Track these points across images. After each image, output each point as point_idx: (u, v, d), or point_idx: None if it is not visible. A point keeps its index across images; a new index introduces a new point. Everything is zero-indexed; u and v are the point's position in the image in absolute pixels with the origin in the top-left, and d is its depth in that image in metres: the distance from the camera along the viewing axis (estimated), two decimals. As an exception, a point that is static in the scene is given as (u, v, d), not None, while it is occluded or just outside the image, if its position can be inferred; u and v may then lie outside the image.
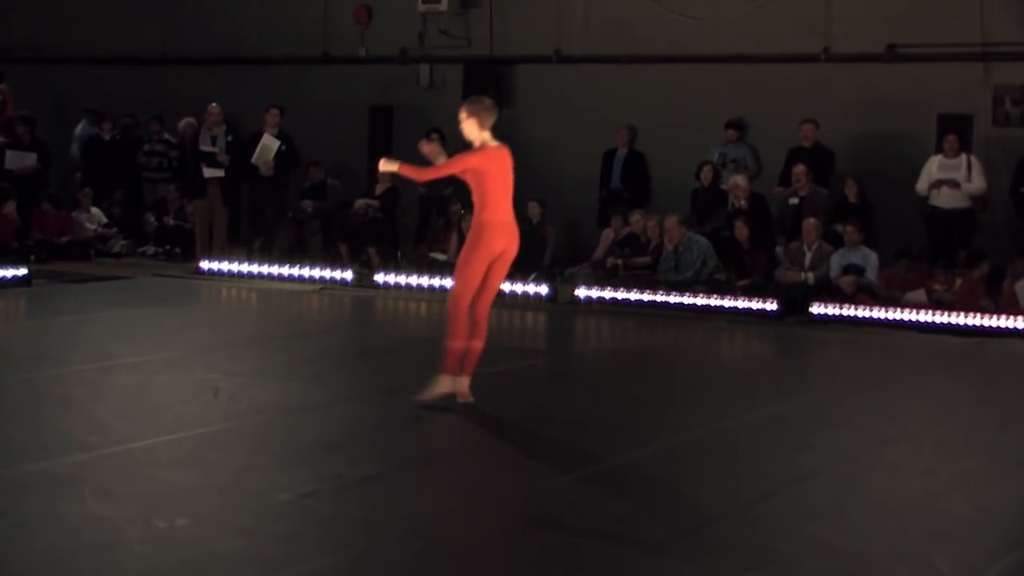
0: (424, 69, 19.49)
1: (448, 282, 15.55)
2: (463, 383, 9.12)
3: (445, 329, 9.17)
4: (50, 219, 18.00)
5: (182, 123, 18.89)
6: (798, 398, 10.05)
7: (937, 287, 14.23)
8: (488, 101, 9.40)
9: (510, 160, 9.37)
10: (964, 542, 6.49)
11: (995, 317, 13.34)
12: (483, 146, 9.31)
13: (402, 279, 15.82)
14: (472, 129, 9.29)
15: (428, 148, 9.62)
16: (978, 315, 13.39)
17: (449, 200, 17.57)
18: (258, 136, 17.51)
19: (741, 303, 14.38)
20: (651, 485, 7.46)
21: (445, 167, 9.45)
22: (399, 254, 17.42)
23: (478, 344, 9.17)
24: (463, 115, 9.28)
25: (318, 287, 15.87)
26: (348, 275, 16.11)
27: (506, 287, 15.29)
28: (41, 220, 17.92)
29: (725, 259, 15.40)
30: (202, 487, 7.02)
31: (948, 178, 15.16)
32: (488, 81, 18.73)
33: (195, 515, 6.49)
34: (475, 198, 9.27)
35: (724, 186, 16.51)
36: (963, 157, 15.25)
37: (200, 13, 20.89)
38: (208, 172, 17.24)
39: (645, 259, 15.75)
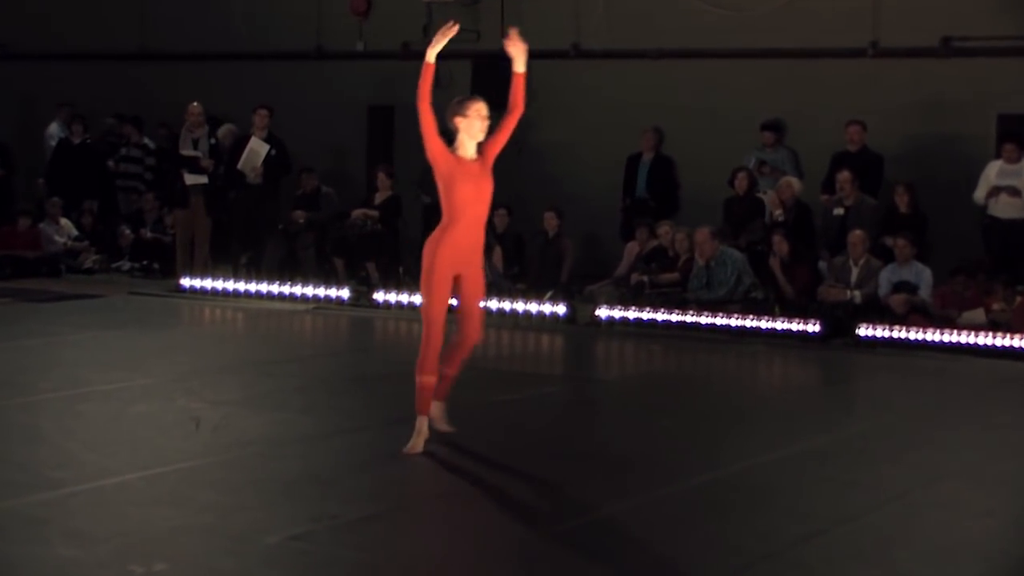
0: (429, 65, 19.52)
1: (454, 301, 15.59)
2: (436, 407, 9.15)
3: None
4: (18, 232, 18.07)
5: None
6: (843, 430, 10.05)
7: (996, 306, 14.21)
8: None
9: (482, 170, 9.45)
10: (1027, 590, 6.49)
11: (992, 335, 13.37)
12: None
13: (404, 297, 15.85)
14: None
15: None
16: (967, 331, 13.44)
17: (456, 210, 17.57)
18: (245, 140, 17.56)
19: (780, 324, 14.37)
20: (680, 526, 7.46)
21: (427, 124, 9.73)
22: (401, 269, 17.43)
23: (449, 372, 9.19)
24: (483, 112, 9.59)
25: (311, 306, 15.90)
26: (344, 293, 16.14)
27: (520, 307, 15.33)
28: (9, 234, 17.98)
29: (762, 276, 15.40)
30: (182, 528, 7.03)
31: (1008, 185, 15.16)
32: (499, 79, 18.71)
33: (175, 559, 6.50)
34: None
35: (760, 194, 16.53)
36: (1025, 162, 15.27)
37: (181, 4, 20.98)
38: (190, 179, 17.29)
39: (673, 275, 15.75)
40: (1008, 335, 13.56)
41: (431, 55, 9.30)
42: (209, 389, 10.71)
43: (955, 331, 13.79)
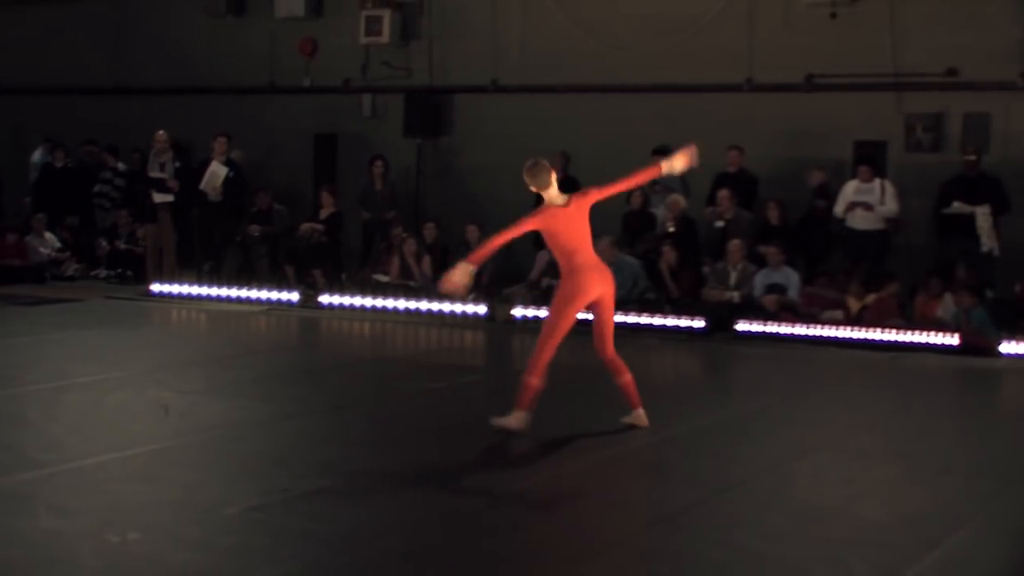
0: (367, 99, 19.47)
1: (389, 302, 15.55)
2: (640, 415, 9.14)
3: (532, 367, 9.07)
4: (7, 245, 17.82)
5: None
6: (725, 411, 10.10)
7: (851, 301, 14.34)
8: (531, 162, 9.53)
9: (579, 209, 9.28)
10: (882, 546, 6.54)
11: (908, 333, 13.48)
12: (546, 206, 9.35)
13: (346, 300, 15.77)
14: (538, 190, 9.36)
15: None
16: (893, 331, 13.52)
17: (392, 224, 17.54)
18: (207, 163, 17.41)
19: (670, 321, 14.44)
20: (583, 495, 7.46)
21: (514, 231, 9.38)
22: (343, 276, 17.35)
23: (627, 377, 9.22)
24: (529, 181, 9.48)
25: (265, 308, 15.78)
26: (294, 296, 16.03)
27: (447, 307, 15.30)
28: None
29: (654, 279, 15.45)
30: (153, 502, 6.95)
31: (863, 201, 15.31)
32: (428, 110, 18.75)
33: (147, 529, 6.42)
34: (556, 254, 9.23)
35: (653, 209, 16.59)
36: (877, 182, 15.40)
37: (151, 45, 20.76)
38: (158, 197, 17.12)
39: (579, 279, 15.74)
40: (863, 329, 13.70)
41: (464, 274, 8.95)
42: (176, 380, 10.60)
43: (819, 326, 13.92)
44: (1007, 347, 13.18)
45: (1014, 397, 11.95)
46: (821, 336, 13.80)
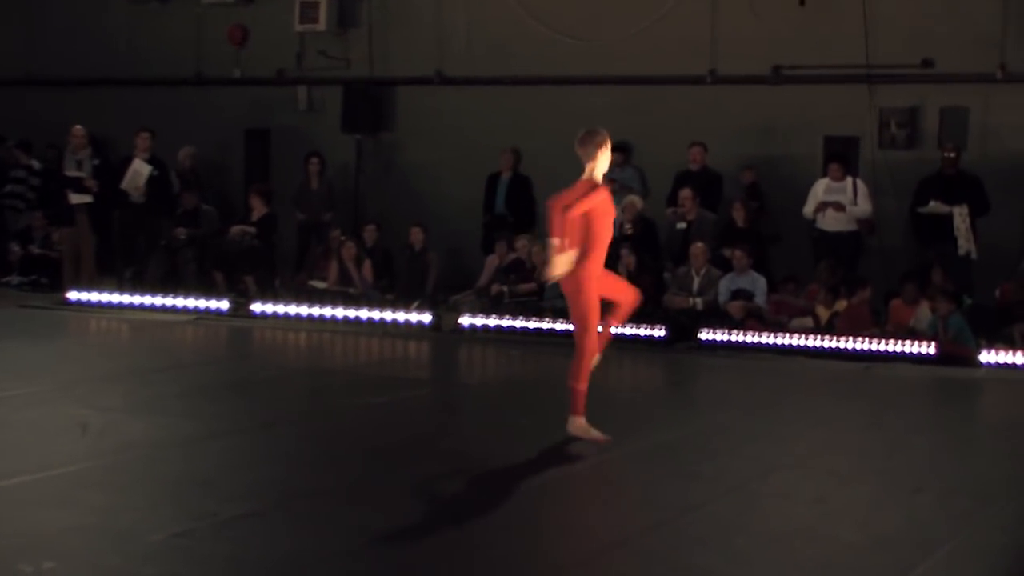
0: (302, 91, 19.43)
1: (326, 310, 15.50)
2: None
3: (571, 369, 9.29)
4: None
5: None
6: (687, 426, 10.13)
7: (821, 309, 14.44)
8: (587, 130, 9.59)
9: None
10: (854, 570, 6.58)
11: (882, 342, 13.59)
12: (594, 185, 9.36)
13: (280, 308, 15.72)
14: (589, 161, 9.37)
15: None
16: (866, 340, 13.63)
17: (329, 226, 17.51)
18: (128, 161, 17.31)
19: (629, 330, 14.47)
20: (535, 516, 7.47)
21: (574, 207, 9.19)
22: (277, 282, 17.30)
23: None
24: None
25: (193, 317, 15.70)
26: (224, 304, 15.96)
27: (389, 316, 15.28)
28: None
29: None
30: (70, 528, 6.90)
31: (834, 201, 15.41)
32: (368, 103, 18.73)
33: (64, 558, 6.37)
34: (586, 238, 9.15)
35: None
36: (849, 180, 15.52)
37: (67, 32, 20.62)
38: (75, 198, 17.00)
39: (530, 285, 15.80)
40: (834, 338, 13.80)
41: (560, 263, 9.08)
42: (95, 396, 10.52)
43: (787, 334, 14.00)
44: (986, 356, 13.31)
45: (994, 410, 12.07)
46: (790, 345, 13.88)
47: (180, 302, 16.01)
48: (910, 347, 13.47)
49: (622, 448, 9.12)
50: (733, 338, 14.11)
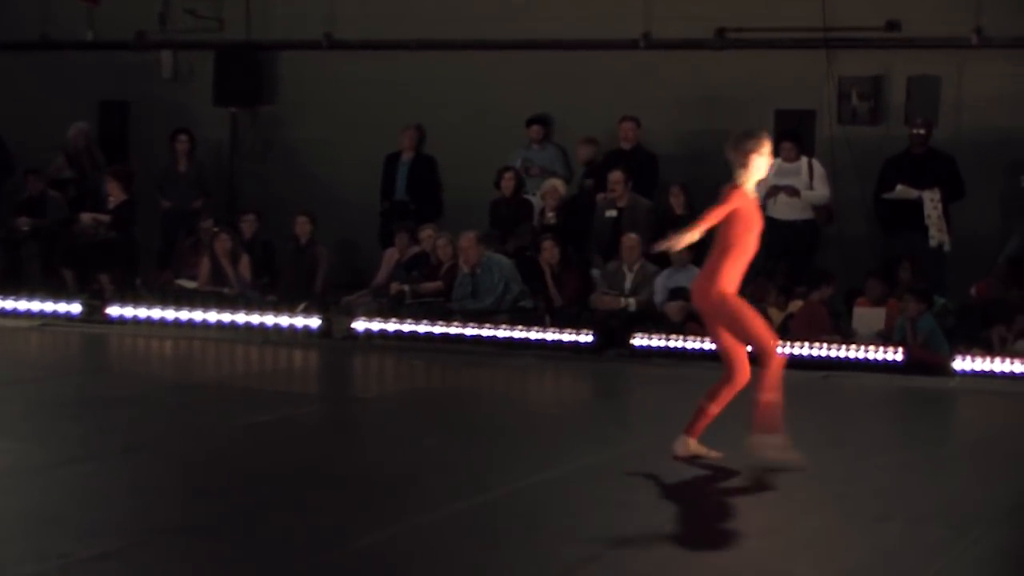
0: (167, 56, 19.31)
1: (197, 314, 15.42)
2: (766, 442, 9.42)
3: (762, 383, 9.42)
4: None
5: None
6: (619, 447, 10.17)
7: (771, 310, 14.58)
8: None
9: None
10: (811, 611, 6.64)
11: (843, 347, 13.72)
12: (741, 190, 9.74)
13: (142, 311, 15.61)
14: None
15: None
16: (824, 345, 13.76)
17: (200, 215, 17.39)
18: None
19: (551, 335, 14.52)
20: (447, 553, 7.47)
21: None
22: (138, 281, 17.16)
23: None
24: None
25: (37, 323, 15.56)
26: (75, 307, 15.83)
27: (271, 320, 15.22)
28: None
29: (531, 283, 15.52)
30: None
31: (787, 184, 15.53)
32: (245, 72, 18.63)
33: None
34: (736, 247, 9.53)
35: (529, 196, 16.67)
36: (803, 161, 15.66)
37: None
38: None
39: (436, 284, 15.80)
40: (788, 342, 13.89)
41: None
42: (-78, 417, 10.40)
43: (734, 339, 14.07)
44: (960, 363, 13.48)
45: (968, 424, 12.23)
46: (737, 352, 13.97)
47: (23, 305, 15.86)
48: (874, 353, 13.62)
49: (545, 473, 9.13)
50: (671, 344, 14.19)
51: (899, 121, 16.15)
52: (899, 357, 13.59)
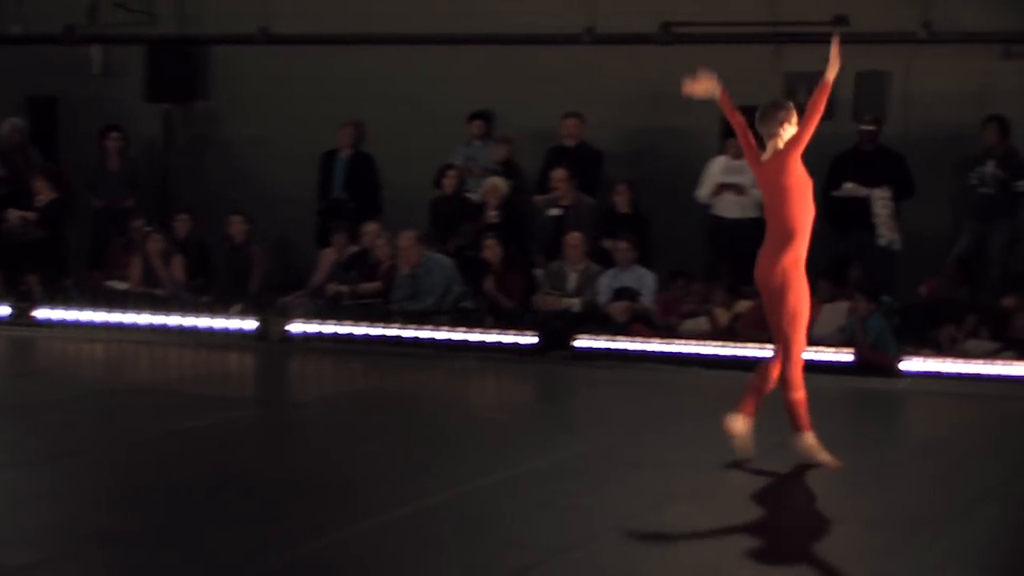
0: (96, 51, 19.19)
1: (130, 316, 15.32)
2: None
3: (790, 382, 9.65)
4: None
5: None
6: (562, 450, 10.17)
7: (718, 310, 14.61)
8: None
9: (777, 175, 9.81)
10: (760, 618, 6.65)
11: (793, 347, 13.74)
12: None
13: (72, 314, 15.50)
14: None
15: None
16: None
17: (132, 214, 17.28)
18: None
19: (493, 336, 14.50)
20: (387, 561, 7.44)
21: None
22: (68, 282, 17.03)
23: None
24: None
25: (-37, 326, 15.45)
26: (3, 309, 15.72)
27: (205, 322, 15.14)
28: None
29: (473, 283, 15.51)
30: None
31: (733, 183, 15.58)
32: (178, 67, 18.51)
33: None
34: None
35: (470, 194, 16.65)
36: (752, 157, 15.69)
37: None
38: None
39: (375, 285, 15.75)
40: (734, 344, 13.94)
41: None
42: None
43: (680, 340, 14.12)
44: (909, 364, 13.55)
45: (918, 425, 12.30)
46: (682, 353, 14.00)
47: (-53, 307, 15.75)
48: (823, 354, 13.66)
49: (487, 477, 9.12)
50: (615, 345, 14.20)
51: (847, 117, 16.18)
52: (848, 358, 13.63)
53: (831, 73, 9.94)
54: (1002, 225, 15.33)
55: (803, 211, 9.62)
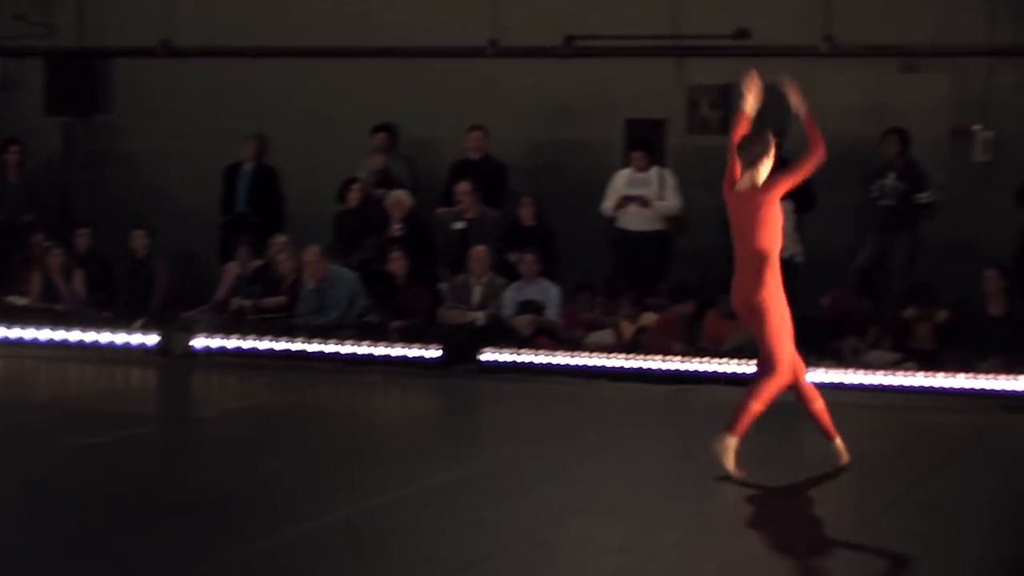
0: (-6, 64, 19.03)
1: (30, 332, 15.19)
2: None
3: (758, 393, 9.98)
4: None
5: None
6: (467, 465, 10.17)
7: (623, 323, 14.68)
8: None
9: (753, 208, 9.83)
10: (663, 630, 6.69)
11: (696, 361, 13.84)
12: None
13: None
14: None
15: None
16: (677, 358, 13.87)
17: (31, 229, 17.13)
18: None
19: (397, 350, 14.50)
20: (290, 579, 7.44)
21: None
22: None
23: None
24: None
25: None
26: (-102, 326, 15.57)
27: (107, 337, 15.04)
28: None
29: (378, 297, 15.50)
30: None
31: (637, 195, 15.66)
32: (78, 79, 18.38)
33: None
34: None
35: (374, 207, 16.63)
36: (654, 171, 15.80)
37: None
38: None
39: (279, 299, 15.70)
40: (640, 357, 14.01)
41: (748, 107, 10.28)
42: None
43: (585, 353, 14.17)
44: (811, 375, 13.63)
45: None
46: (588, 366, 14.05)
47: None
48: (728, 366, 13.76)
49: (392, 493, 9.11)
50: (520, 359, 14.23)
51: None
52: (752, 370, 13.70)
53: (804, 110, 10.26)
54: (903, 237, 15.47)
55: (774, 238, 9.79)
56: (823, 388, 13.43)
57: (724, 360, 13.86)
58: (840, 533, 8.40)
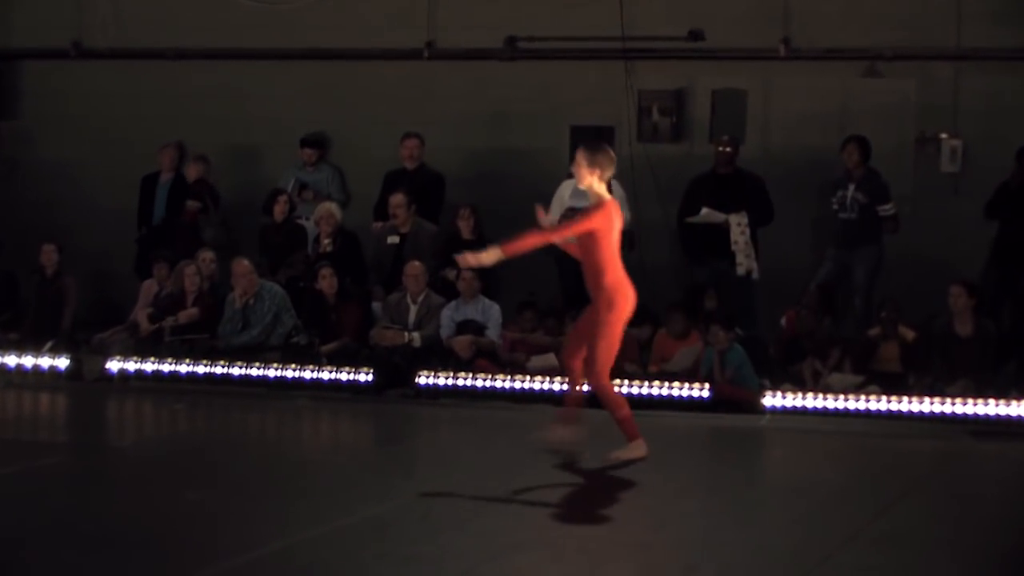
0: None
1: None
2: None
3: (607, 406, 11.17)
4: None
5: None
6: (402, 495, 10.16)
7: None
8: (607, 149, 11.25)
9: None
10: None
11: (645, 383, 13.86)
12: (601, 203, 11.06)
13: None
14: (591, 181, 11.08)
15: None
16: (625, 381, 13.88)
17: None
18: None
19: (327, 374, 14.47)
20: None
21: (566, 230, 11.44)
22: None
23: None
24: (582, 162, 11.05)
25: None
26: None
27: (13, 360, 14.96)
28: None
29: (306, 317, 15.46)
30: None
31: (583, 206, 15.65)
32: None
33: None
34: (589, 261, 11.04)
35: (302, 221, 16.60)
36: (600, 180, 15.81)
37: None
38: None
39: (191, 311, 15.51)
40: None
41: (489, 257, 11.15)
42: None
43: (527, 377, 14.17)
44: (771, 399, 13.71)
45: (779, 465, 12.44)
46: (531, 390, 14.06)
47: None
48: (678, 390, 13.79)
49: (322, 526, 9.10)
50: (459, 382, 14.22)
51: (703, 138, 16.40)
52: (705, 394, 13.77)
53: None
54: (865, 252, 15.49)
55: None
56: (783, 413, 13.58)
57: (674, 382, 13.87)
58: (799, 567, 8.43)
